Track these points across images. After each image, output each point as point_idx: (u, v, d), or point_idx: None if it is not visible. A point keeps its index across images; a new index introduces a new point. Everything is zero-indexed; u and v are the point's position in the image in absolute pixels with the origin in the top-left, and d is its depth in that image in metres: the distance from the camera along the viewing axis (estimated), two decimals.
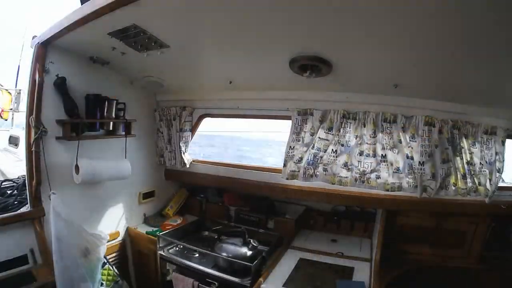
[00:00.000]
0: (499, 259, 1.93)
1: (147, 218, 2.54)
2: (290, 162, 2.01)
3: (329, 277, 1.73)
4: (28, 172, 1.74)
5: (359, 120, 1.85)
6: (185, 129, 2.43)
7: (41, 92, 1.71)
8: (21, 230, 1.71)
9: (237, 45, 1.55)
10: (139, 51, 1.64)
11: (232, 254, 1.91)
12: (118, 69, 2.09)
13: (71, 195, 1.92)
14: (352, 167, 1.91)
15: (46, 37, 1.66)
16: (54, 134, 1.81)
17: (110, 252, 2.09)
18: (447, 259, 1.98)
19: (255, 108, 2.23)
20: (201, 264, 1.92)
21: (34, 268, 1.70)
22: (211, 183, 2.68)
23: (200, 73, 2.04)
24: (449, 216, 1.94)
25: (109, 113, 2.03)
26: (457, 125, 1.72)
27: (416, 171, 1.76)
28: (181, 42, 1.59)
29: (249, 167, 2.49)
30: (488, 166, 1.72)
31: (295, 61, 1.51)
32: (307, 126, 1.96)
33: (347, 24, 1.18)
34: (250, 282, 1.71)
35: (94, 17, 1.35)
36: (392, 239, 1.97)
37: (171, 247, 2.14)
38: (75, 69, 1.88)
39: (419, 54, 1.31)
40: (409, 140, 1.76)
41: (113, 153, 2.13)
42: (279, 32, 1.33)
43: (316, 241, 2.22)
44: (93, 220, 2.05)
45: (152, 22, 1.40)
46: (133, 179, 2.26)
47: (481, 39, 1.10)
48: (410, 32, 1.15)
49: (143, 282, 2.38)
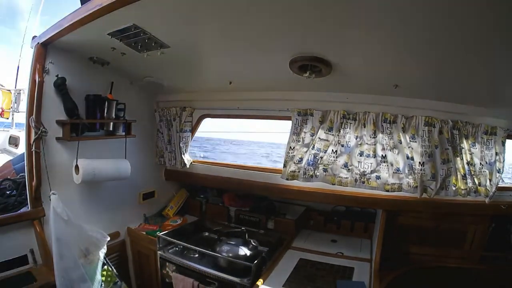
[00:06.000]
0: (499, 259, 1.93)
1: (147, 218, 2.54)
2: (290, 163, 2.01)
3: (329, 277, 1.73)
4: (28, 173, 1.73)
5: (359, 120, 1.85)
6: (185, 130, 2.43)
7: (41, 92, 1.71)
8: (21, 231, 1.71)
9: (237, 46, 1.55)
10: (139, 51, 1.64)
11: (232, 254, 1.91)
12: (118, 69, 2.10)
13: (71, 195, 1.93)
14: (352, 168, 1.91)
15: (46, 37, 1.66)
16: (54, 134, 1.81)
17: (110, 252, 2.09)
18: (447, 259, 1.98)
19: (255, 108, 2.23)
20: (201, 264, 1.92)
21: (34, 268, 1.70)
22: (211, 184, 2.68)
23: (200, 73, 2.04)
24: (449, 217, 1.94)
25: (109, 114, 2.03)
26: (457, 126, 1.72)
27: (416, 172, 1.76)
28: (181, 42, 1.59)
29: (249, 167, 2.50)
30: (488, 167, 1.72)
31: (295, 62, 1.51)
32: (307, 126, 1.96)
33: (347, 25, 1.18)
34: (250, 282, 1.71)
35: (94, 18, 1.35)
36: (392, 239, 1.96)
37: (171, 247, 2.14)
38: (75, 69, 1.88)
39: (419, 55, 1.30)
40: (409, 140, 1.76)
41: (113, 154, 2.13)
42: (279, 33, 1.33)
43: (316, 241, 2.22)
44: (93, 220, 2.05)
45: (152, 22, 1.39)
46: (133, 180, 2.25)
47: (481, 39, 1.10)
48: (410, 32, 1.15)
49: (143, 282, 2.38)
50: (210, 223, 2.55)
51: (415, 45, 1.23)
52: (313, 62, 1.48)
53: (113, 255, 2.21)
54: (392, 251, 1.94)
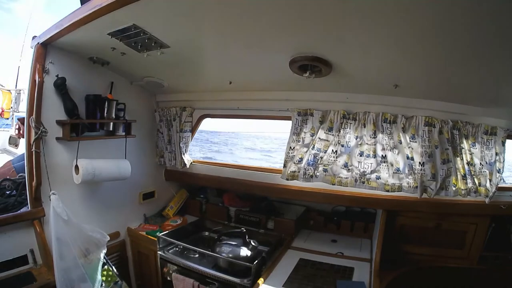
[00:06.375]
0: (499, 259, 1.93)
1: (147, 218, 2.54)
2: (290, 163, 2.01)
3: (329, 277, 1.73)
4: (28, 173, 1.74)
5: (359, 120, 1.85)
6: (185, 130, 2.43)
7: (41, 92, 1.71)
8: (21, 231, 1.72)
9: (237, 46, 1.55)
10: (139, 51, 1.64)
11: (232, 255, 1.91)
12: (118, 69, 2.10)
13: (71, 195, 1.93)
14: (352, 168, 1.91)
15: (46, 38, 1.66)
16: (54, 134, 1.81)
17: (110, 252, 2.09)
18: (447, 259, 1.98)
19: (255, 108, 2.23)
20: (201, 264, 1.92)
21: (34, 268, 1.70)
22: (211, 184, 2.68)
23: (200, 73, 2.04)
24: (449, 217, 1.94)
25: (109, 114, 2.03)
26: (457, 126, 1.72)
27: (416, 172, 1.76)
28: (181, 42, 1.59)
29: (249, 167, 2.49)
30: (488, 167, 1.72)
31: (295, 62, 1.51)
32: (307, 126, 1.96)
33: (348, 25, 1.18)
34: (250, 283, 1.71)
35: (94, 17, 1.35)
36: (392, 239, 1.96)
37: (171, 247, 2.14)
38: (75, 69, 1.88)
39: (419, 55, 1.30)
40: (409, 140, 1.76)
41: (113, 154, 2.13)
42: (279, 33, 1.33)
43: (316, 241, 2.22)
44: (93, 220, 2.05)
45: (152, 22, 1.39)
46: (133, 180, 2.26)
47: (481, 39, 1.10)
48: (410, 32, 1.15)
49: (143, 282, 2.38)
50: (210, 223, 2.55)
51: (415, 45, 1.23)
52: (313, 62, 1.48)
53: (113, 255, 2.21)
54: (392, 251, 1.94)
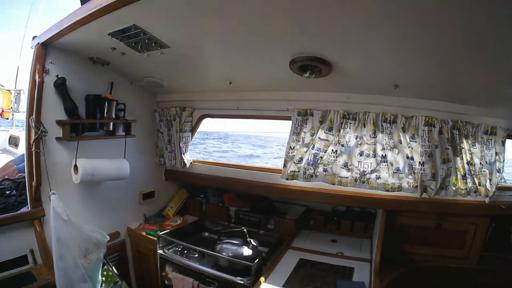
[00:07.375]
0: (499, 259, 1.93)
1: (147, 218, 2.54)
2: (290, 163, 2.01)
3: (329, 277, 1.73)
4: (28, 173, 1.74)
5: (359, 120, 1.85)
6: (185, 130, 2.43)
7: (41, 92, 1.71)
8: (21, 231, 1.72)
9: (237, 46, 1.55)
10: (139, 51, 1.64)
11: (233, 254, 1.91)
12: (118, 69, 2.10)
13: (71, 195, 1.93)
14: (352, 168, 1.91)
15: (46, 38, 1.66)
16: (54, 134, 1.82)
17: (110, 252, 2.09)
18: (447, 259, 1.98)
19: (255, 108, 2.23)
20: (201, 264, 1.92)
21: (34, 268, 1.70)
22: (211, 184, 2.68)
23: (200, 73, 2.04)
24: (449, 216, 1.94)
25: (109, 114, 2.03)
26: (457, 126, 1.72)
27: (416, 172, 1.76)
28: (182, 42, 1.59)
29: (249, 167, 2.50)
30: (488, 167, 1.72)
31: (295, 62, 1.51)
32: (307, 126, 1.96)
33: (347, 25, 1.18)
34: (250, 282, 1.71)
35: (94, 18, 1.35)
36: (392, 239, 1.96)
37: (171, 247, 2.14)
38: (75, 69, 1.88)
39: (419, 55, 1.30)
40: (409, 140, 1.76)
41: (113, 154, 2.13)
42: (279, 33, 1.33)
43: (316, 241, 2.22)
44: (93, 220, 2.05)
45: (152, 22, 1.40)
46: (133, 180, 2.26)
47: (481, 39, 1.10)
48: (410, 32, 1.15)
49: (143, 282, 2.38)
50: (210, 223, 2.55)
51: (415, 45, 1.23)
52: (313, 62, 1.48)
53: (113, 255, 2.21)
54: (392, 251, 1.94)
